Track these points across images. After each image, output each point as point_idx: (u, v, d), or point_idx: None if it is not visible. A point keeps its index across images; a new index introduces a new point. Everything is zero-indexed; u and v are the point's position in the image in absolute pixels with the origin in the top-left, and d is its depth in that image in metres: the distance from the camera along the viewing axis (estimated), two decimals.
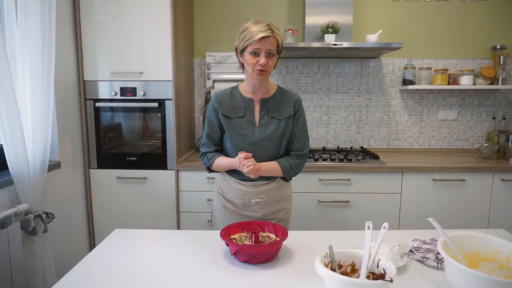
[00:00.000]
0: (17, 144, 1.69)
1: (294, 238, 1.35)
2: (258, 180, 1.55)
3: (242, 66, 1.52)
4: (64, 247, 2.23)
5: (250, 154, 1.44)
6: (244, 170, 1.41)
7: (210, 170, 1.61)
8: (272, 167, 1.52)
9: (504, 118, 2.85)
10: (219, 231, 1.26)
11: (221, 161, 1.54)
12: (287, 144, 1.57)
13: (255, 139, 1.51)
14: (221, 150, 1.63)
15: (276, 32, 1.43)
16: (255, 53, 1.42)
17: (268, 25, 1.42)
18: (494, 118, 2.88)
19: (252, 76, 1.47)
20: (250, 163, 1.41)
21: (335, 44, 2.39)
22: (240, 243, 1.21)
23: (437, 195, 2.38)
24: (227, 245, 1.22)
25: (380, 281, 0.85)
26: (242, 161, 1.41)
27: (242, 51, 1.46)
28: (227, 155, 1.60)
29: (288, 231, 1.27)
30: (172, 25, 2.32)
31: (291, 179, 1.62)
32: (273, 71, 2.92)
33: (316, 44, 2.42)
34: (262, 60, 1.41)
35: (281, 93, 1.58)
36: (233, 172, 1.57)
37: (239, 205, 1.60)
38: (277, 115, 1.53)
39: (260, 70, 1.43)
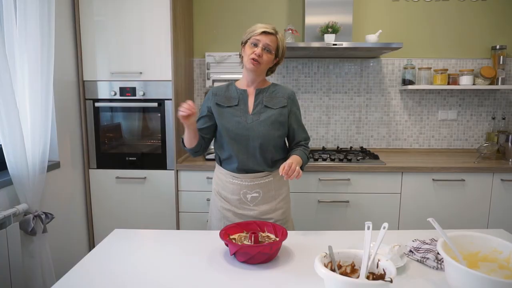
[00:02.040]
0: (16, 144, 1.68)
1: (294, 238, 1.35)
2: (252, 172, 1.59)
3: (242, 60, 1.59)
4: (63, 247, 2.23)
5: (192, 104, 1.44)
6: (179, 114, 1.42)
7: (183, 144, 1.64)
8: (297, 159, 1.54)
9: (503, 118, 2.85)
10: (219, 231, 1.26)
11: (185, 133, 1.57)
12: (284, 134, 1.63)
13: (248, 124, 1.56)
14: (205, 139, 1.65)
15: (279, 34, 1.55)
16: (254, 44, 1.51)
17: (273, 27, 1.54)
18: (493, 118, 2.88)
19: (246, 65, 1.55)
20: (183, 108, 1.41)
21: (335, 44, 2.39)
22: (239, 243, 1.21)
23: (437, 195, 2.38)
24: (227, 245, 1.22)
25: (380, 281, 0.85)
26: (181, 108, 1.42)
27: (245, 43, 1.55)
28: (221, 145, 1.63)
29: (288, 231, 1.27)
30: (171, 25, 2.32)
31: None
32: None
33: (315, 44, 2.42)
34: (258, 50, 1.50)
35: (275, 86, 1.66)
36: (227, 165, 1.62)
37: (235, 202, 1.62)
38: (271, 104, 1.60)
39: (253, 60, 1.50)
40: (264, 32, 1.50)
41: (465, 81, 2.68)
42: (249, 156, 1.58)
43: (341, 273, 0.99)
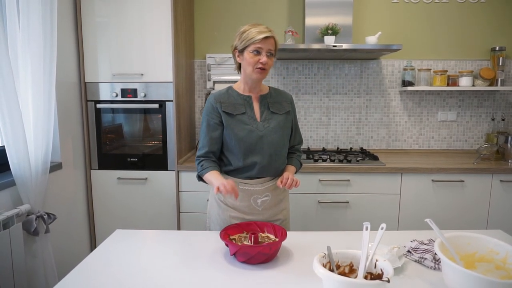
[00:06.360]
0: (19, 145, 1.70)
1: (293, 239, 1.37)
2: (264, 177, 1.57)
3: (239, 67, 1.58)
4: (65, 248, 2.25)
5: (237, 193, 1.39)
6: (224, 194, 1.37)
7: (200, 178, 1.58)
8: (293, 170, 1.66)
9: (503, 119, 2.86)
10: (219, 231, 1.28)
11: (211, 177, 1.47)
12: (289, 138, 1.66)
13: (261, 133, 1.53)
14: (218, 153, 1.59)
15: (274, 34, 1.52)
16: (257, 52, 1.47)
17: (267, 27, 1.50)
18: (493, 119, 2.89)
19: (251, 75, 1.51)
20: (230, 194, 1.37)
21: (335, 46, 2.40)
22: (239, 244, 1.22)
23: (436, 196, 2.39)
24: (227, 245, 1.24)
25: (377, 281, 0.87)
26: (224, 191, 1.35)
27: (242, 50, 1.51)
28: (230, 155, 1.56)
29: (288, 232, 1.28)
30: (172, 27, 2.34)
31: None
32: (273, 72, 2.95)
33: (316, 46, 2.43)
34: (264, 58, 1.47)
35: (275, 91, 1.66)
36: (237, 173, 1.56)
37: (244, 209, 1.57)
38: (276, 110, 1.60)
39: (261, 69, 1.48)
40: (265, 38, 1.45)
41: (465, 82, 2.69)
42: (264, 164, 1.54)
43: (340, 273, 1.00)
